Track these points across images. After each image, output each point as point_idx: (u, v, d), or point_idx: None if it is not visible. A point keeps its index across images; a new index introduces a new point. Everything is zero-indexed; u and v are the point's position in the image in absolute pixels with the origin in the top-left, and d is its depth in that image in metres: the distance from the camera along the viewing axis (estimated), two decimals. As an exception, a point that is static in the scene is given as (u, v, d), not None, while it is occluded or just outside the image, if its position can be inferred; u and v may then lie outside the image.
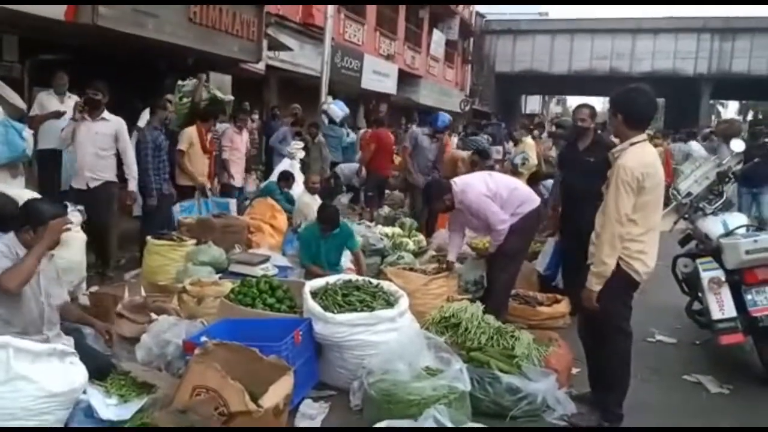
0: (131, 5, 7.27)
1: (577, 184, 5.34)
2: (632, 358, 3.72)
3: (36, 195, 4.58)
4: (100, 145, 5.89)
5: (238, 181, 8.23)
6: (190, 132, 7.12)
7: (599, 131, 5.95)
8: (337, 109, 12.09)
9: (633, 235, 3.38)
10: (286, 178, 8.38)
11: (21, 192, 4.59)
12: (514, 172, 9.48)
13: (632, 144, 3.41)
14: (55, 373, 2.80)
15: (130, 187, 6.08)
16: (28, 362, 2.74)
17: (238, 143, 8.19)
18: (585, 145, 5.44)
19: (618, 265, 3.39)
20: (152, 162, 6.40)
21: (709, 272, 4.45)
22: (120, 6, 7.11)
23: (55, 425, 2.82)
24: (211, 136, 7.37)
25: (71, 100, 7.00)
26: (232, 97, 8.89)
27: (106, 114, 5.97)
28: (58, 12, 6.56)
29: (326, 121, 11.67)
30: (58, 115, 6.46)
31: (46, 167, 6.75)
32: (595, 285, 3.41)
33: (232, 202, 7.43)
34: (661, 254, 3.59)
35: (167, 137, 6.91)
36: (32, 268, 3.20)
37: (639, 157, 3.37)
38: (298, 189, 8.40)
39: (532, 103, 46.12)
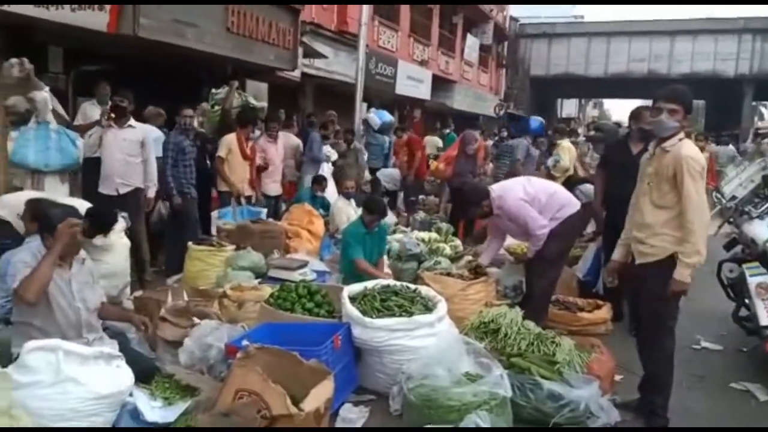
0: (171, 16, 7.42)
1: (626, 188, 5.23)
2: (677, 365, 3.67)
3: (79, 201, 4.73)
4: (128, 152, 6.00)
5: (272, 190, 8.17)
6: (230, 139, 7.19)
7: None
8: (376, 117, 12.24)
9: None
10: (319, 181, 8.43)
11: (70, 199, 4.73)
12: (549, 175, 9.40)
13: (680, 139, 3.47)
14: (102, 376, 2.87)
15: (149, 194, 6.16)
16: (77, 365, 2.81)
17: (272, 153, 8.07)
18: (639, 149, 5.28)
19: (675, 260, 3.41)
20: (172, 165, 6.42)
21: (756, 277, 4.34)
22: (160, 17, 7.27)
23: (103, 426, 2.88)
24: (252, 144, 7.42)
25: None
26: (264, 104, 8.98)
27: (132, 121, 6.09)
28: (101, 23, 6.74)
29: (362, 129, 11.75)
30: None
31: (89, 175, 6.91)
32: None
33: (264, 212, 7.44)
34: (706, 258, 3.52)
35: (194, 143, 6.96)
36: (46, 275, 3.17)
37: (695, 149, 3.47)
38: (330, 192, 8.46)
39: (568, 107, 45.61)
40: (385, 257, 6.00)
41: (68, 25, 6.48)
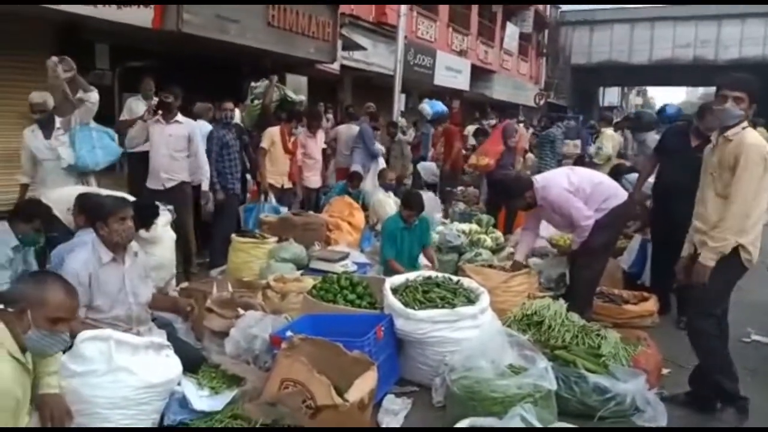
0: (214, 12, 7.52)
1: (681, 180, 5.09)
2: (726, 358, 3.59)
3: (122, 195, 4.82)
4: (174, 147, 6.06)
5: (313, 182, 8.28)
6: (272, 132, 7.26)
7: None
8: (428, 107, 12.43)
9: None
10: (353, 178, 8.44)
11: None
12: (591, 163, 9.25)
13: (744, 128, 3.43)
14: (153, 365, 2.93)
15: (204, 187, 6.22)
16: (128, 354, 2.88)
17: (311, 148, 8.14)
18: (697, 143, 5.09)
19: (736, 249, 3.39)
20: (216, 160, 6.44)
21: None
22: (203, 13, 7.39)
23: (153, 415, 2.95)
24: (294, 138, 7.47)
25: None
26: (303, 98, 9.03)
27: (179, 117, 6.14)
28: (145, 19, 6.88)
29: (402, 121, 11.82)
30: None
31: (136, 169, 7.07)
32: (711, 261, 3.42)
33: (284, 210, 7.45)
34: (760, 250, 3.43)
35: (238, 137, 7.00)
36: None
37: (759, 138, 3.42)
38: (367, 185, 8.47)
39: (610, 95, 44.65)
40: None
41: (114, 22, 6.64)
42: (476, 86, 21.91)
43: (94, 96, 5.28)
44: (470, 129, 14.69)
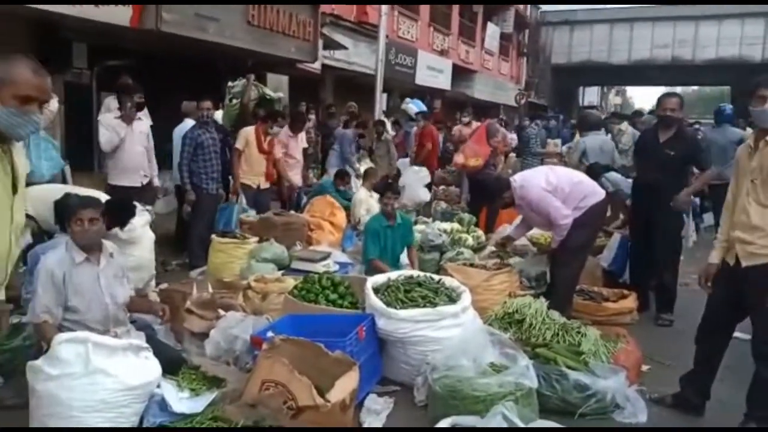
0: (193, 10, 7.46)
1: (652, 177, 5.18)
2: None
3: (97, 194, 4.76)
4: (144, 144, 6.20)
5: (293, 182, 8.21)
6: (247, 132, 7.15)
7: (683, 123, 5.77)
8: (413, 106, 12.87)
9: None
10: (342, 176, 8.43)
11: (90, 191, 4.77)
12: (567, 162, 9.32)
13: None
14: (131, 367, 2.90)
15: (155, 182, 6.38)
16: (106, 356, 2.84)
17: (292, 148, 8.14)
18: (666, 137, 5.22)
19: None
20: (191, 160, 6.38)
21: None
22: (182, 11, 7.32)
23: (132, 417, 2.92)
24: (270, 138, 7.41)
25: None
26: (281, 95, 8.97)
27: (140, 113, 6.27)
28: (124, 18, 6.80)
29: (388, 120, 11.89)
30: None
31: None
32: None
33: (252, 212, 7.35)
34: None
35: (224, 137, 6.95)
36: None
37: None
38: (356, 187, 8.47)
39: (590, 95, 45.03)
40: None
41: (92, 20, 6.55)
42: (457, 86, 21.98)
43: (53, 104, 5.17)
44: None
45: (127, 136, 6.02)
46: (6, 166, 2.21)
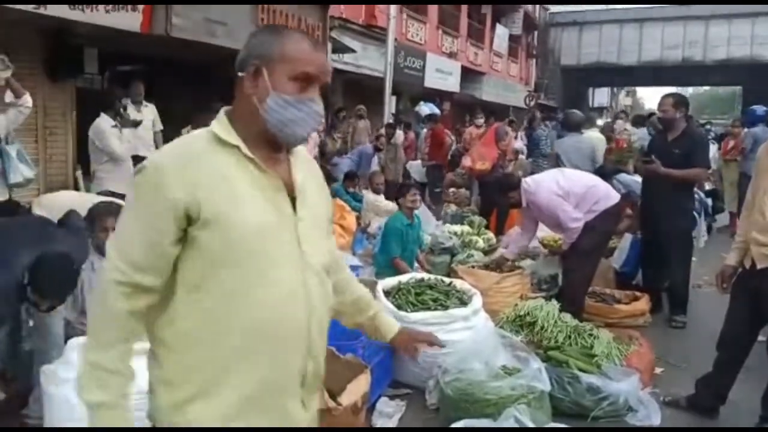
0: (203, 15, 7.50)
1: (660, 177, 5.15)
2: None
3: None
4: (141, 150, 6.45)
5: None
6: None
7: (693, 122, 5.72)
8: (425, 108, 13.06)
9: None
10: (351, 178, 8.44)
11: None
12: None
13: None
14: (143, 370, 2.90)
15: None
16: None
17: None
18: (674, 136, 5.21)
19: None
20: None
21: None
22: (192, 16, 7.36)
23: (145, 420, 2.92)
24: None
25: (147, 109, 7.30)
26: None
27: None
28: (134, 24, 6.85)
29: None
30: (136, 124, 6.73)
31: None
32: None
33: None
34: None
35: None
36: None
37: None
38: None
39: (599, 96, 44.85)
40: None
41: (103, 26, 6.60)
42: (466, 88, 21.95)
43: (27, 100, 5.00)
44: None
45: (133, 143, 6.14)
46: (279, 188, 1.47)
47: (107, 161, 6.15)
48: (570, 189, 4.82)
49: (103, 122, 6.09)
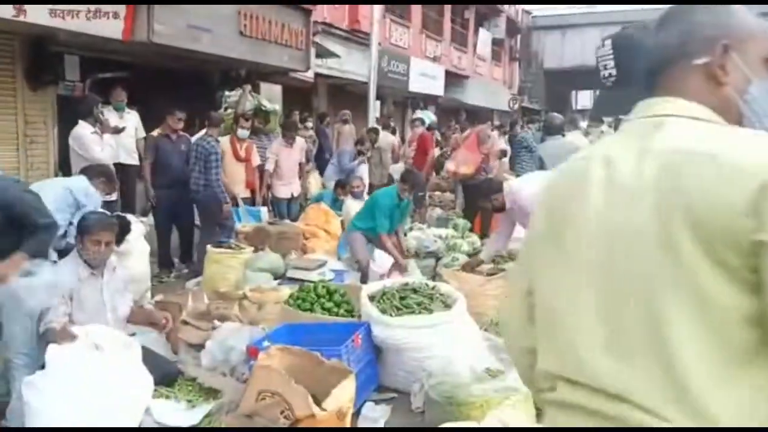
0: (185, 22, 7.48)
1: None
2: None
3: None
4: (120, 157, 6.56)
5: (282, 192, 8.06)
6: (222, 141, 7.05)
7: None
8: (425, 117, 13.21)
9: None
10: (342, 185, 8.45)
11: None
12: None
13: None
14: (126, 379, 2.90)
15: None
16: (101, 371, 2.85)
17: (284, 156, 7.94)
18: None
19: None
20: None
21: None
22: (174, 23, 7.33)
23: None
24: (247, 145, 7.34)
25: (130, 116, 7.26)
26: (277, 106, 8.98)
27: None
28: (116, 31, 6.81)
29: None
30: (118, 130, 6.70)
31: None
32: None
33: (263, 210, 7.42)
34: None
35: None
36: None
37: None
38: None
39: (583, 99, 45.16)
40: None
41: (84, 33, 6.56)
42: (450, 92, 22.02)
43: None
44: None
45: (106, 150, 6.10)
46: None
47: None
48: None
49: (83, 129, 6.07)
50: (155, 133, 6.59)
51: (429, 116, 13.69)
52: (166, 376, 3.31)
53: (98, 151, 5.99)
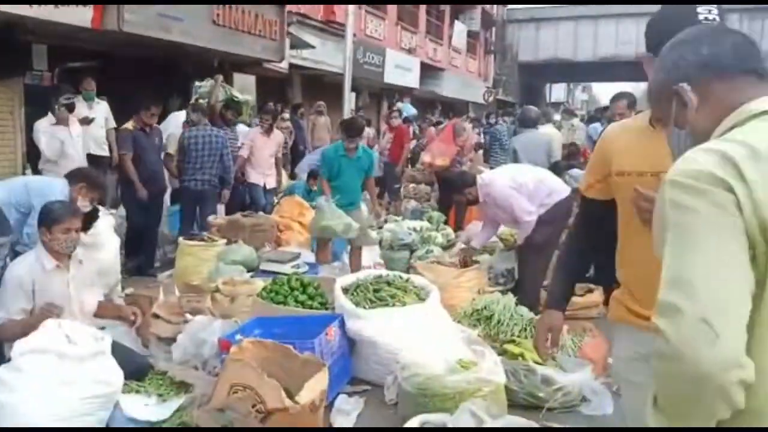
0: (156, 11, 7.36)
1: None
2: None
3: None
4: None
5: (254, 178, 7.89)
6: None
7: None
8: (405, 109, 13.66)
9: None
10: (315, 176, 8.40)
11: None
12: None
13: None
14: (94, 375, 2.86)
15: None
16: (68, 365, 2.80)
17: (260, 145, 7.81)
18: None
19: None
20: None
21: None
22: (145, 11, 7.21)
23: (98, 425, 2.88)
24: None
25: (100, 106, 7.14)
26: (249, 97, 8.89)
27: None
28: (85, 19, 6.68)
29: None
30: (88, 121, 6.58)
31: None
32: None
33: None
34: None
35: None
36: (17, 336, 2.99)
37: None
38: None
39: (557, 92, 45.55)
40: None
41: (51, 21, 6.42)
42: (426, 84, 22.04)
43: None
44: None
45: (67, 141, 5.96)
46: None
47: (48, 160, 6.01)
48: (523, 182, 4.91)
49: (42, 121, 5.99)
50: (129, 126, 6.41)
51: (409, 109, 13.77)
52: (136, 371, 3.27)
53: (44, 143, 5.91)
